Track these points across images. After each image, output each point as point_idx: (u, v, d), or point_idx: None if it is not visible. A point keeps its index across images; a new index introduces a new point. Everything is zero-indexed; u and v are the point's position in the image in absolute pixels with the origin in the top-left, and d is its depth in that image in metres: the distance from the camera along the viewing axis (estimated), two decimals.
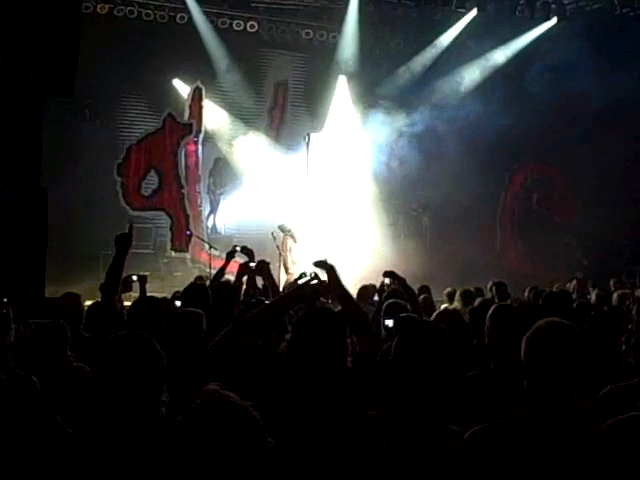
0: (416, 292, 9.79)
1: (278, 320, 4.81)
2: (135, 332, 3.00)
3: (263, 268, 6.78)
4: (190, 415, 1.81)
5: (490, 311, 4.04)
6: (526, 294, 11.16)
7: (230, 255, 6.49)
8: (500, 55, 19.06)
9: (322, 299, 7.05)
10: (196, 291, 5.98)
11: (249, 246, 16.48)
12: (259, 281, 7.54)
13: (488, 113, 17.04)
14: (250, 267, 6.62)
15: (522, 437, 2.54)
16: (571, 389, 2.58)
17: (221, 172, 18.18)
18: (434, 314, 4.43)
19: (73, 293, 6.06)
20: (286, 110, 19.10)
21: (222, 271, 7.69)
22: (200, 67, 17.73)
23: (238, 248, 7.72)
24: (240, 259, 8.50)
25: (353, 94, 19.01)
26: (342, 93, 19.00)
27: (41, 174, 11.87)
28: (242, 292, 6.39)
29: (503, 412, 2.74)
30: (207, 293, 5.89)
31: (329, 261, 4.08)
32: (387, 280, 7.45)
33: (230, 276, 11.06)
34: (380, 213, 18.68)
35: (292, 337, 3.42)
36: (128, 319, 5.09)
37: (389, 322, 5.26)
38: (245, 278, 6.93)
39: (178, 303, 5.90)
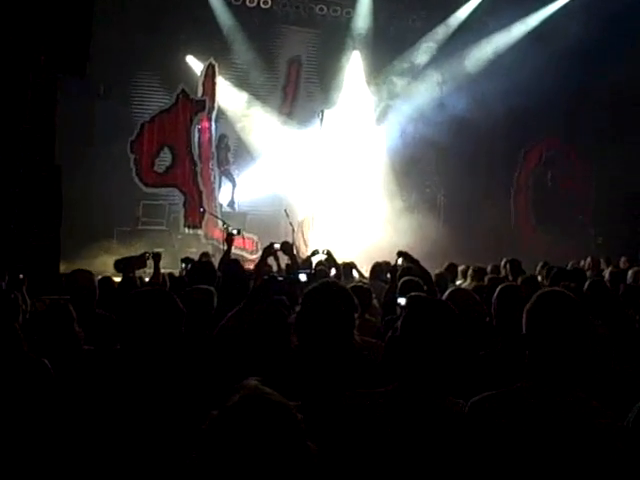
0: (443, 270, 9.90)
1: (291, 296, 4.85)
2: (159, 289, 3.07)
3: (287, 249, 6.82)
4: (228, 412, 1.69)
5: (496, 292, 4.04)
6: (537, 270, 11.16)
7: (268, 251, 6.45)
8: (517, 31, 18.86)
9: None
10: (204, 269, 6.00)
11: (262, 223, 16.76)
12: (283, 261, 7.58)
13: (503, 90, 16.91)
14: (275, 248, 6.62)
15: (522, 406, 2.55)
16: (571, 359, 2.57)
17: (227, 148, 18.14)
18: (446, 292, 4.42)
19: (85, 270, 6.06)
20: (299, 86, 19.03)
21: (228, 254, 7.69)
22: (213, 44, 17.67)
23: (277, 245, 7.69)
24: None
25: (367, 70, 18.90)
26: (356, 69, 18.89)
27: (55, 152, 11.92)
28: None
29: None
30: (214, 269, 5.92)
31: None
32: (400, 260, 7.44)
33: (244, 253, 11.13)
34: (394, 189, 18.63)
35: (301, 309, 3.46)
36: None
37: (402, 300, 5.26)
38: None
39: None
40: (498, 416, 2.55)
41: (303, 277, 5.44)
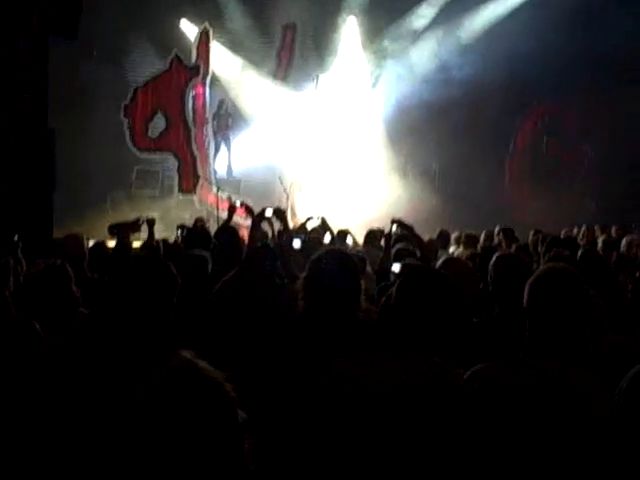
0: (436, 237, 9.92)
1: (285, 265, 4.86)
2: (152, 255, 3.06)
3: (280, 215, 6.79)
4: (155, 384, 1.68)
5: (493, 260, 4.05)
6: (530, 237, 11.17)
7: (260, 217, 6.41)
8: None
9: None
10: (199, 235, 6.00)
11: (257, 188, 16.71)
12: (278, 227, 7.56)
13: (501, 55, 16.79)
14: (266, 215, 6.59)
15: (521, 378, 2.58)
16: (572, 334, 2.59)
17: (225, 114, 18.03)
18: (440, 261, 4.42)
19: (75, 235, 6.05)
20: (294, 51, 18.84)
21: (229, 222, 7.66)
22: (207, 8, 17.49)
23: (237, 203, 7.67)
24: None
25: (363, 35, 18.73)
26: (352, 34, 18.71)
27: (47, 115, 11.83)
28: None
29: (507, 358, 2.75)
30: (208, 235, 5.92)
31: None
32: (394, 227, 7.45)
33: (239, 219, 11.10)
34: (389, 155, 18.58)
35: (308, 275, 3.49)
36: None
37: (396, 267, 5.28)
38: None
39: None
40: (497, 386, 2.57)
41: (297, 244, 5.44)
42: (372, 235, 9.96)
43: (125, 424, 1.66)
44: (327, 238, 9.50)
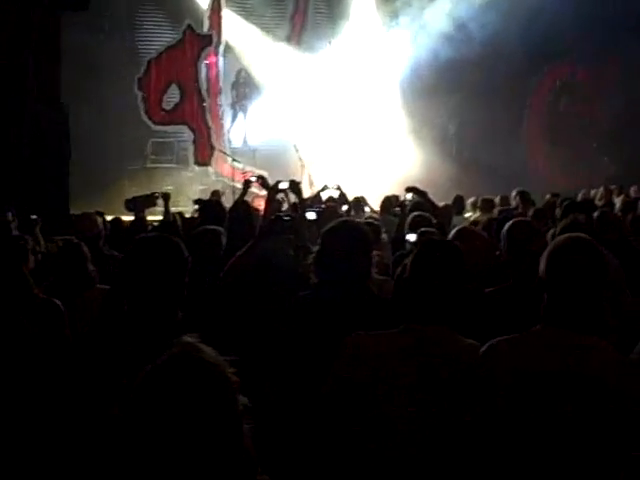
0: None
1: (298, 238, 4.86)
2: (164, 234, 3.06)
3: (294, 188, 6.76)
4: (156, 370, 1.69)
5: (506, 227, 4.02)
6: (547, 199, 11.12)
7: (274, 189, 6.40)
8: None
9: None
10: (213, 208, 6.02)
11: (272, 158, 16.67)
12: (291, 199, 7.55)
13: (515, 15, 16.58)
14: (280, 188, 6.56)
15: (540, 350, 2.57)
16: (589, 304, 2.59)
17: (244, 83, 17.93)
18: (453, 231, 4.40)
19: (90, 213, 6.08)
20: (308, 15, 18.66)
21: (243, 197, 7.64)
22: None
23: (253, 178, 7.63)
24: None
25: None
26: None
27: (60, 90, 11.85)
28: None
29: (521, 328, 2.76)
30: (223, 210, 5.94)
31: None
32: (409, 195, 7.42)
33: (254, 189, 11.08)
34: (404, 119, 18.47)
35: (320, 247, 3.50)
36: None
37: (411, 237, 5.27)
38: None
39: None
40: (514, 359, 2.57)
41: (311, 215, 5.42)
42: (388, 202, 9.93)
43: (127, 411, 1.69)
44: (344, 207, 9.52)
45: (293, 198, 7.31)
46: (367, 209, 10.33)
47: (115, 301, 3.16)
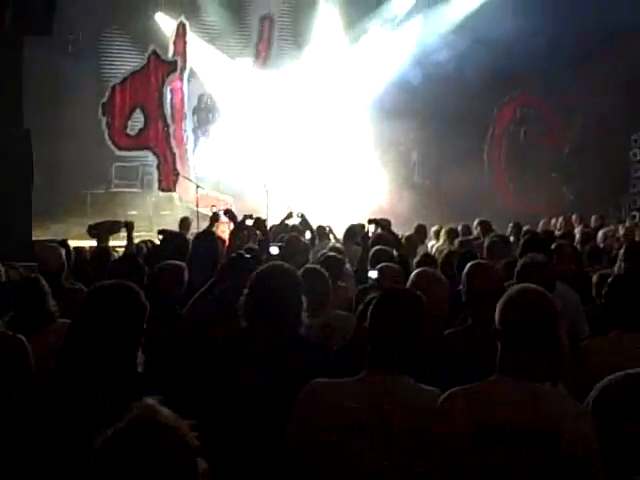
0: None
1: None
2: (122, 282, 3.03)
3: (260, 225, 6.79)
4: (116, 435, 1.68)
5: (466, 270, 4.08)
6: (509, 230, 11.29)
7: (240, 224, 6.41)
8: None
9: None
10: (175, 240, 6.01)
11: (236, 183, 16.65)
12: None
13: (477, 45, 16.84)
14: (245, 225, 6.58)
15: (496, 401, 2.62)
16: (544, 353, 2.65)
17: (205, 109, 17.94)
18: (411, 276, 4.41)
19: (53, 247, 6.01)
20: (272, 44, 18.80)
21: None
22: (183, 1, 17.41)
23: (221, 211, 7.68)
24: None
25: (343, 24, 18.71)
26: (330, 24, 18.68)
27: (23, 115, 11.74)
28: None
29: (482, 369, 2.79)
30: (186, 242, 5.94)
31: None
32: (372, 227, 7.49)
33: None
34: (368, 149, 18.60)
35: (248, 292, 3.48)
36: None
37: (373, 274, 5.32)
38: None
39: None
40: (471, 410, 2.61)
41: (274, 250, 5.45)
42: (352, 231, 9.98)
43: (86, 476, 1.67)
44: (307, 235, 9.56)
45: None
46: (331, 237, 10.39)
47: (74, 341, 3.12)
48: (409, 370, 2.82)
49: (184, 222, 11.92)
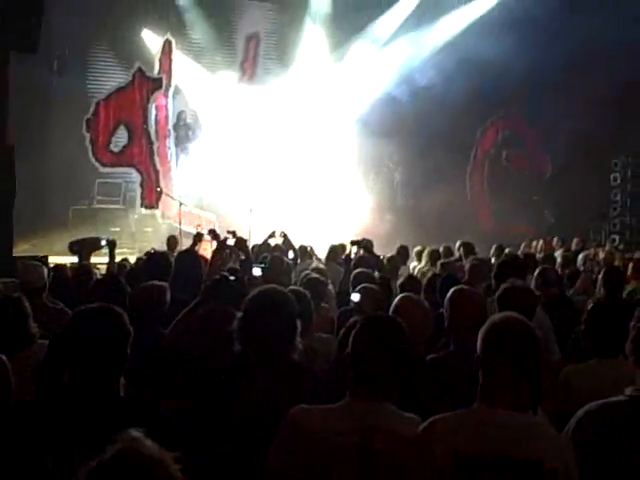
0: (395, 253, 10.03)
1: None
2: (106, 305, 3.01)
3: (242, 245, 6.80)
4: (99, 467, 1.68)
5: (448, 295, 4.10)
6: (492, 252, 11.39)
7: (197, 237, 6.45)
8: (475, 8, 18.88)
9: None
10: (158, 263, 6.00)
11: (220, 201, 16.66)
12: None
13: (463, 66, 16.97)
14: (227, 245, 6.59)
15: (476, 430, 2.63)
16: (524, 382, 2.66)
17: (185, 126, 17.95)
18: (393, 303, 4.42)
19: (34, 265, 5.98)
20: (258, 62, 18.89)
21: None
22: (169, 18, 17.46)
23: (205, 231, 7.72)
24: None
25: (327, 44, 18.83)
26: (316, 43, 18.80)
27: (7, 132, 11.71)
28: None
29: (463, 395, 2.81)
30: (169, 262, 5.93)
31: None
32: (354, 249, 7.53)
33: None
34: (352, 169, 18.68)
35: (243, 316, 3.48)
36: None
37: (355, 297, 5.34)
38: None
39: None
40: (451, 439, 2.62)
41: (257, 271, 5.46)
42: (334, 251, 10.03)
43: None
44: (290, 254, 9.59)
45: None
46: (313, 257, 10.42)
47: (54, 363, 3.11)
48: (390, 397, 2.83)
49: (171, 241, 11.92)
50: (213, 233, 7.25)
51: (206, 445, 3.17)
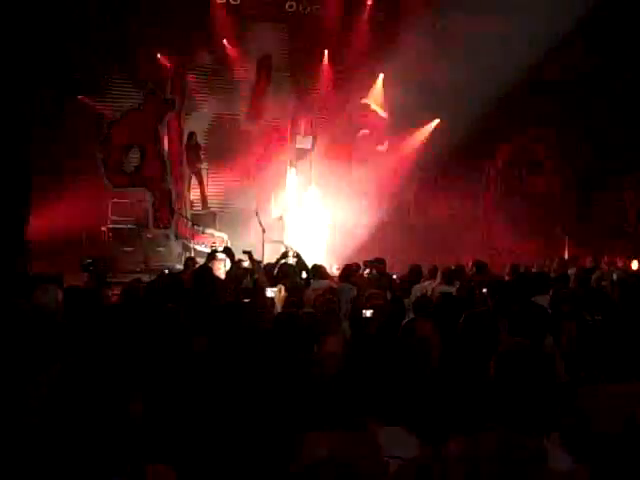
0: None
1: None
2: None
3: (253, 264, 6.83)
4: None
5: (462, 318, 4.11)
6: (507, 271, 11.34)
7: (211, 255, 6.49)
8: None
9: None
10: (171, 286, 6.01)
11: (233, 221, 16.72)
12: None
13: (473, 85, 16.97)
14: (243, 265, 6.63)
15: (488, 455, 2.63)
16: (537, 407, 2.66)
17: (198, 146, 18.00)
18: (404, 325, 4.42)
19: (49, 287, 6.01)
20: (270, 84, 18.96)
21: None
22: (182, 41, 17.57)
23: (220, 249, 7.77)
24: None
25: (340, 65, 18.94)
26: (328, 66, 18.92)
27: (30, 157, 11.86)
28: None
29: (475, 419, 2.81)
30: (182, 284, 5.95)
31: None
32: (367, 270, 7.56)
33: None
34: (363, 186, 18.72)
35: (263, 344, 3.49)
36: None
37: (368, 312, 5.38)
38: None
39: None
40: (466, 464, 2.62)
41: (270, 293, 5.49)
42: (346, 270, 10.02)
43: None
44: (303, 274, 9.61)
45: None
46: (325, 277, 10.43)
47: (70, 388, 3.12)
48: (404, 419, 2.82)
49: (189, 262, 11.97)
50: (228, 251, 7.29)
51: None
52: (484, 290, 7.50)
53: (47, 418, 2.73)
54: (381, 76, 18.95)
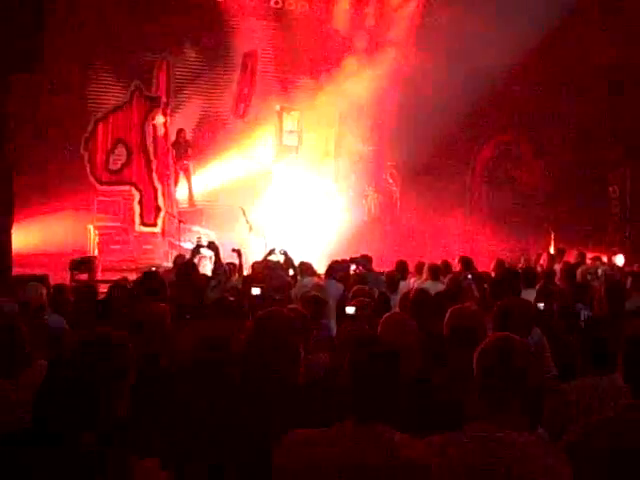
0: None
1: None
2: (112, 331, 3.00)
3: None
4: None
5: (448, 313, 4.11)
6: (492, 267, 11.38)
7: (196, 250, 6.47)
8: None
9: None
10: (153, 285, 5.98)
11: (220, 219, 16.69)
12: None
13: (462, 80, 16.96)
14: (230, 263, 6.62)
15: (472, 448, 2.65)
16: (520, 402, 2.67)
17: (186, 143, 17.93)
18: (383, 320, 4.41)
19: (35, 285, 5.98)
20: (255, 80, 18.92)
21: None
22: (167, 37, 17.50)
23: (204, 243, 7.75)
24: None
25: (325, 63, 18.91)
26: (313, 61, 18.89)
27: (8, 151, 11.75)
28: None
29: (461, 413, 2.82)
30: (165, 286, 5.90)
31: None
32: (353, 266, 7.58)
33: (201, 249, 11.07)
34: (350, 183, 18.73)
35: (247, 339, 3.46)
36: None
37: (350, 309, 5.40)
38: None
39: None
40: (451, 458, 2.63)
41: (256, 291, 5.48)
42: (333, 268, 10.03)
43: None
44: (290, 272, 9.64)
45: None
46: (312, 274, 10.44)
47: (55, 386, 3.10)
48: (385, 417, 2.80)
49: (178, 260, 11.94)
50: (213, 245, 7.29)
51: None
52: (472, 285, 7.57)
53: (33, 412, 2.71)
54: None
